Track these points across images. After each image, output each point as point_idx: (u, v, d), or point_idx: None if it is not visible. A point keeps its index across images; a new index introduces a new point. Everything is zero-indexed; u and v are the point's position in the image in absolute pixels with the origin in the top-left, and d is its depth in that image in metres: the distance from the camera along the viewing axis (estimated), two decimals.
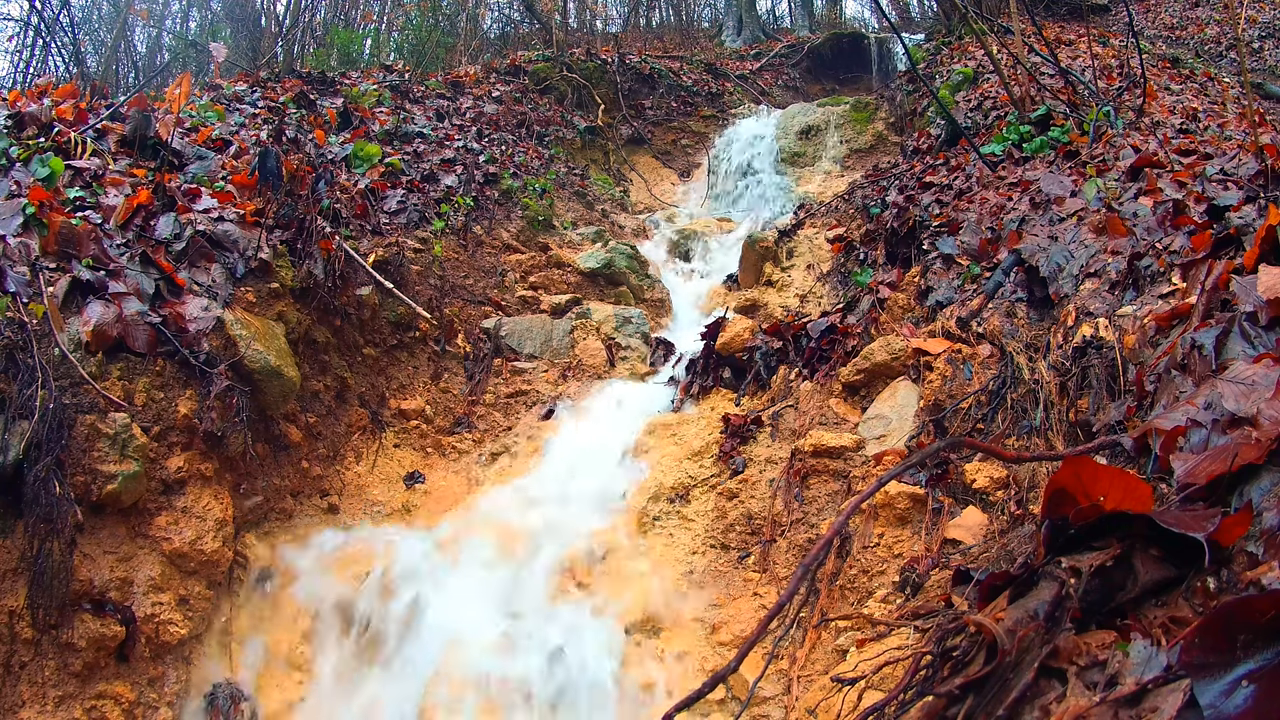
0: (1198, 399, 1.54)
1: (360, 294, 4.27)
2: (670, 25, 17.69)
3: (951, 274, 3.88)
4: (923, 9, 16.90)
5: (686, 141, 10.81)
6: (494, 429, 4.53)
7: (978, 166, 5.02)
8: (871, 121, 9.68)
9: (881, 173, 7.22)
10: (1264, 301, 1.67)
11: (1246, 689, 0.80)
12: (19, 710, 2.34)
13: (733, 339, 4.42)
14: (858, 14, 21.17)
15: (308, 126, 6.08)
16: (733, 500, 3.41)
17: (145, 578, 2.72)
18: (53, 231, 2.97)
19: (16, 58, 9.66)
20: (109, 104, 4.61)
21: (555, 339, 5.13)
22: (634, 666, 2.90)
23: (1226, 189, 2.89)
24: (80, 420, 2.65)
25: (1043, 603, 1.08)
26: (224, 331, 3.23)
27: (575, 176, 8.46)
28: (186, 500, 2.92)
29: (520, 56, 10.95)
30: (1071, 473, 1.19)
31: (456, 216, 5.81)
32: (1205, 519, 1.08)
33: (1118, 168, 3.82)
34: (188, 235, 3.44)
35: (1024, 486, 2.43)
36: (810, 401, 3.65)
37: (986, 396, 2.84)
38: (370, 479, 3.93)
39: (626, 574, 3.26)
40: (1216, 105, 7.15)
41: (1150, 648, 0.95)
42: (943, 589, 2.21)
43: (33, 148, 3.50)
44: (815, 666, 2.54)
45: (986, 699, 1.03)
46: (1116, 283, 2.73)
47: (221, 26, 13.13)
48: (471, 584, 3.22)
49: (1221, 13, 11.81)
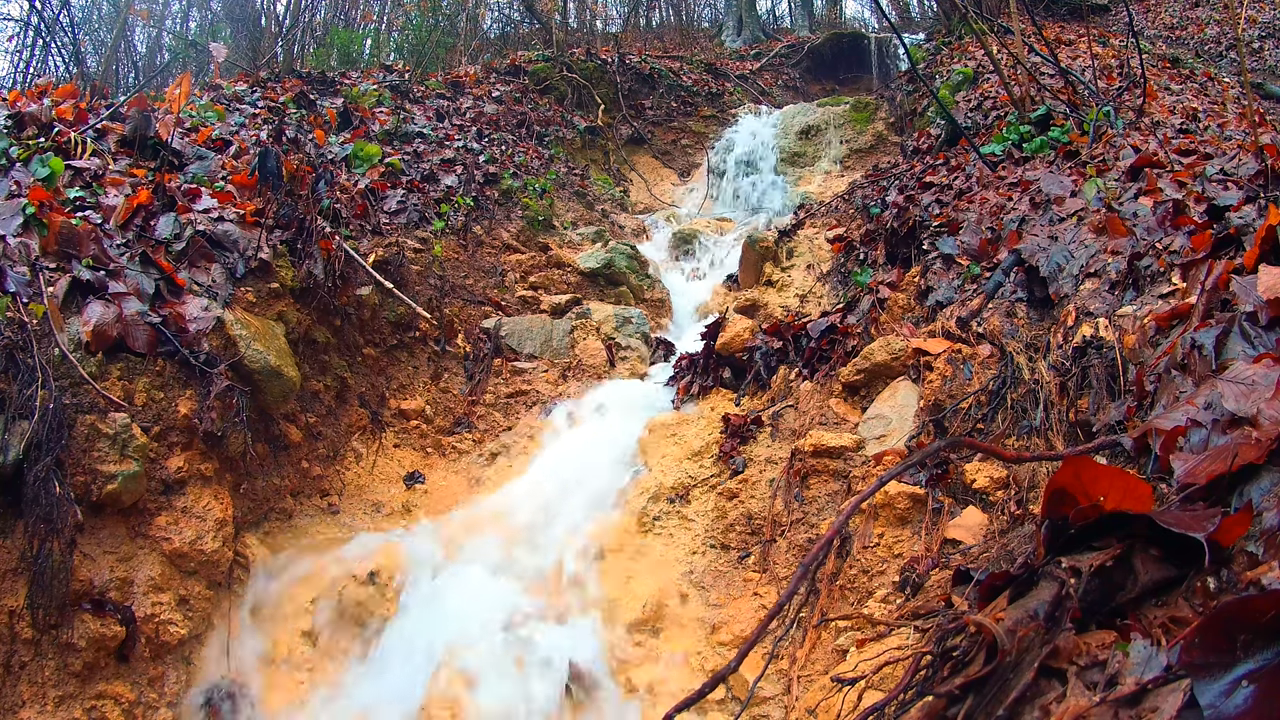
0: (1198, 399, 1.54)
1: (360, 294, 4.27)
2: (670, 25, 17.70)
3: (951, 274, 3.88)
4: (923, 9, 16.90)
5: (686, 141, 10.81)
6: (494, 429, 4.53)
7: (978, 166, 5.02)
8: (871, 121, 9.68)
9: (881, 173, 7.23)
10: (1264, 301, 1.67)
11: (1246, 689, 0.80)
12: (19, 710, 2.34)
13: (733, 339, 4.42)
14: (858, 14, 21.19)
15: (308, 126, 6.08)
16: (733, 500, 3.41)
17: (145, 578, 2.72)
18: (53, 231, 2.97)
19: (16, 58, 9.67)
20: (109, 104, 4.61)
21: (555, 339, 5.13)
22: (634, 666, 2.90)
23: (1226, 189, 2.89)
24: (80, 420, 2.65)
25: (1043, 603, 1.08)
26: (224, 331, 3.23)
27: (575, 176, 8.46)
28: (186, 500, 2.92)
29: (520, 56, 10.95)
30: (1071, 473, 1.19)
31: (456, 216, 5.81)
32: (1205, 519, 1.08)
33: (1118, 168, 3.82)
34: (188, 235, 3.44)
35: (1024, 486, 2.43)
36: (810, 401, 3.65)
37: (986, 396, 2.84)
38: (370, 479, 3.93)
39: (626, 574, 3.26)
40: (1216, 105, 7.15)
41: (1150, 648, 0.95)
42: (943, 589, 2.21)
43: (33, 148, 3.50)
44: (815, 666, 2.54)
45: (986, 699, 1.03)
46: (1116, 283, 2.73)
47: (221, 26, 13.13)
48: (472, 584, 3.22)
49: (1221, 13, 11.80)
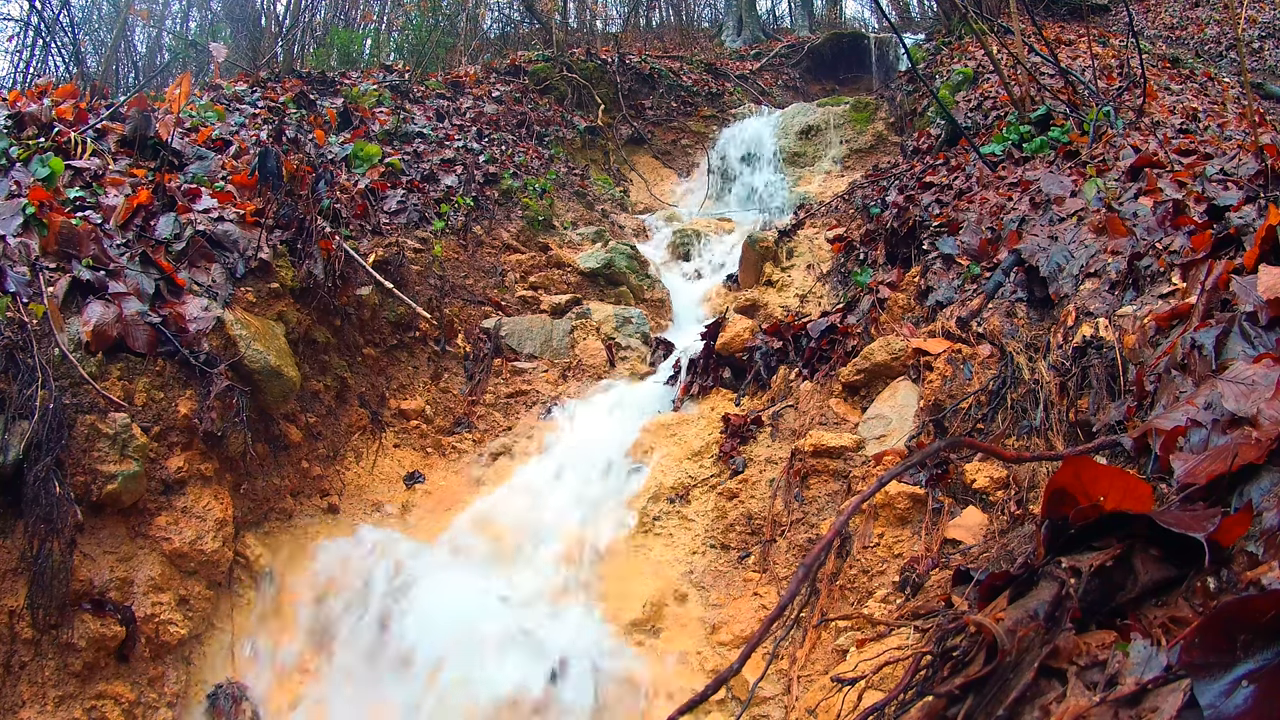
0: (1198, 399, 1.54)
1: (360, 294, 4.27)
2: (670, 25, 17.69)
3: (951, 274, 3.88)
4: (923, 9, 16.90)
5: (686, 141, 10.81)
6: (494, 429, 4.53)
7: (978, 166, 5.02)
8: (871, 121, 9.68)
9: (881, 173, 7.22)
10: (1264, 301, 1.67)
11: (1246, 689, 0.80)
12: (19, 710, 2.34)
13: (733, 339, 4.42)
14: (858, 14, 21.19)
15: (308, 126, 6.08)
16: (733, 500, 3.41)
17: (145, 578, 2.72)
18: (53, 231, 2.97)
19: (16, 58, 9.67)
20: (109, 104, 4.61)
21: (555, 339, 5.13)
22: (634, 667, 2.90)
23: (1226, 189, 2.89)
24: (80, 420, 2.65)
25: (1043, 603, 1.08)
26: (224, 331, 3.23)
27: (575, 176, 8.46)
28: (186, 500, 2.92)
29: (520, 56, 10.95)
30: (1071, 473, 1.19)
31: (456, 216, 5.81)
32: (1205, 519, 1.08)
33: (1118, 168, 3.82)
34: (188, 235, 3.44)
35: (1024, 486, 2.43)
36: (810, 401, 3.65)
37: (986, 396, 2.84)
38: (370, 479, 3.93)
39: (626, 574, 3.26)
40: (1216, 105, 7.15)
41: (1150, 648, 0.95)
42: (943, 589, 2.21)
43: (33, 148, 3.50)
44: (815, 666, 2.54)
45: (986, 699, 1.03)
46: (1116, 283, 2.73)
47: (221, 26, 13.13)
48: (472, 584, 3.22)
49: (1221, 13, 11.80)
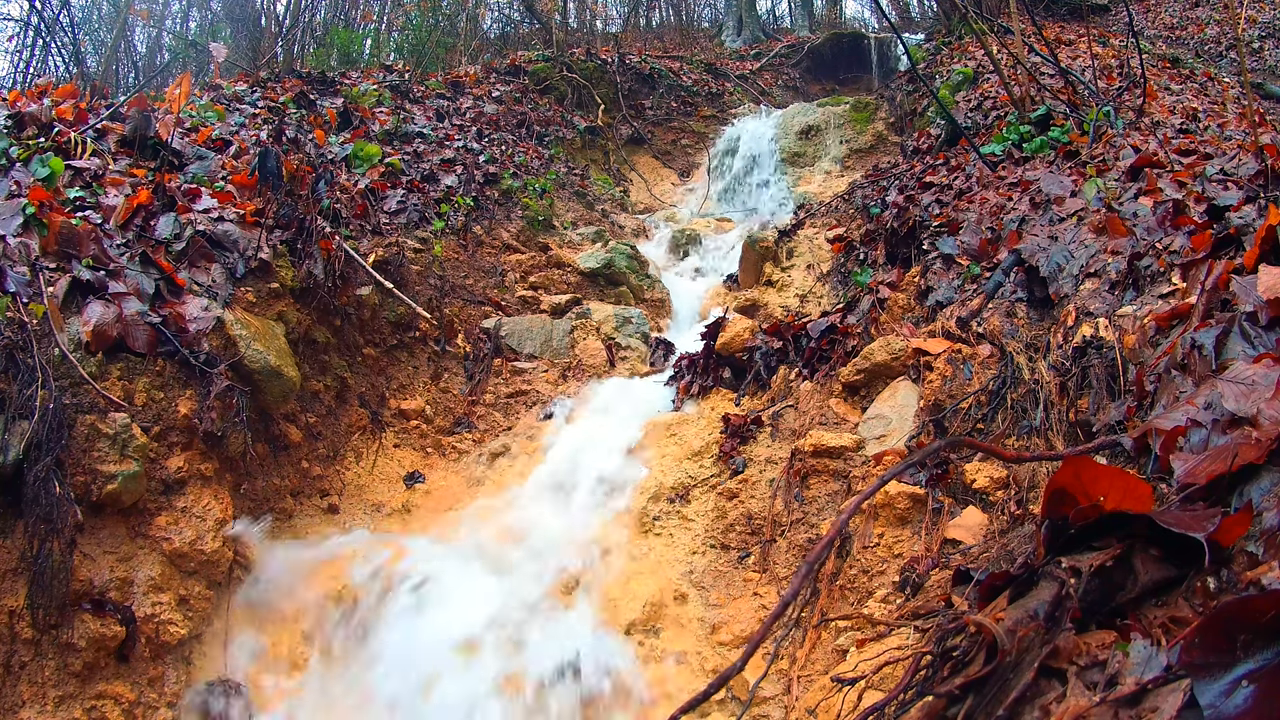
0: (1198, 399, 1.54)
1: (360, 294, 4.27)
2: (670, 25, 17.70)
3: (951, 274, 3.88)
4: (923, 9, 16.90)
5: (686, 141, 10.81)
6: (494, 429, 4.53)
7: (978, 166, 5.02)
8: (871, 121, 9.68)
9: (881, 173, 7.23)
10: (1264, 301, 1.67)
11: (1246, 689, 0.80)
12: (19, 710, 2.34)
13: (733, 339, 4.42)
14: (858, 14, 21.20)
15: (308, 126, 6.08)
16: (733, 500, 3.41)
17: (145, 578, 2.72)
18: (53, 231, 2.97)
19: (16, 58, 9.67)
20: (109, 104, 4.61)
21: (555, 339, 5.13)
22: (634, 667, 2.90)
23: (1226, 189, 2.89)
24: (80, 420, 2.65)
25: (1043, 603, 1.08)
26: (224, 331, 3.23)
27: (575, 176, 8.46)
28: (186, 500, 2.92)
29: (520, 56, 10.95)
30: (1071, 473, 1.19)
31: (456, 216, 5.81)
32: (1205, 519, 1.08)
33: (1118, 168, 3.82)
34: (188, 235, 3.44)
35: (1024, 486, 2.43)
36: (810, 401, 3.65)
37: (986, 396, 2.84)
38: (370, 479, 3.93)
39: (626, 574, 3.26)
40: (1216, 105, 7.15)
41: (1150, 648, 0.95)
42: (943, 589, 2.21)
43: (33, 148, 3.50)
44: (815, 666, 2.54)
45: (986, 699, 1.03)
46: (1116, 283, 2.73)
47: (221, 26, 13.13)
48: (471, 583, 3.22)
49: (1221, 13, 11.80)
